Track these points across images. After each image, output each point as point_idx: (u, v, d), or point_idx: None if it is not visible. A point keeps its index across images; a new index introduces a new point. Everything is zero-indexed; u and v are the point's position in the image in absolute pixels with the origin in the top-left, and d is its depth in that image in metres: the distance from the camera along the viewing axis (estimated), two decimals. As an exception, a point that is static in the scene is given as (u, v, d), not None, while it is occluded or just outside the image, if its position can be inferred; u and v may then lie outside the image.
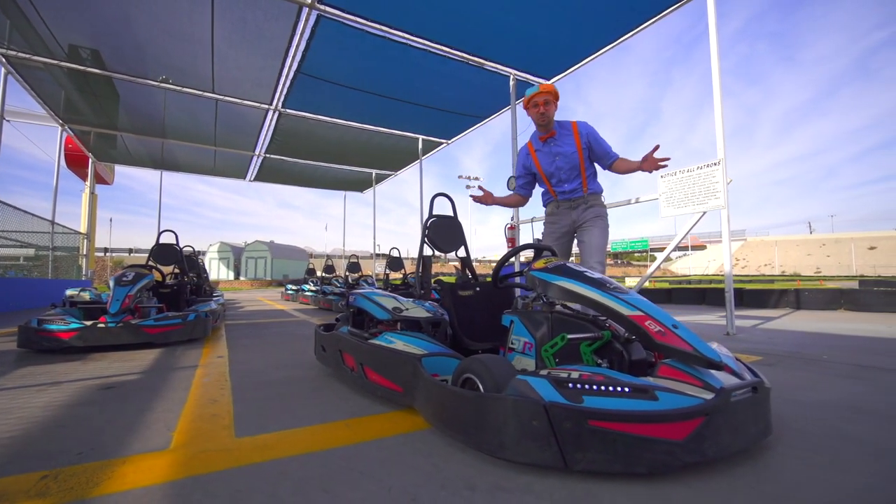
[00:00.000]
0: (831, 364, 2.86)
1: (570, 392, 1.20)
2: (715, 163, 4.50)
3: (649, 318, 1.46)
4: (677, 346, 1.36)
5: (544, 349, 1.57)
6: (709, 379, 1.30)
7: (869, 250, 53.61)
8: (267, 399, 2.03)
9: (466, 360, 1.54)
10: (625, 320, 1.50)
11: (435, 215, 3.09)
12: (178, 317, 3.79)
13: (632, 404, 1.16)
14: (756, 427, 1.32)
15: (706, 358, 1.30)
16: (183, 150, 11.23)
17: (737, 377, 1.39)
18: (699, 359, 1.32)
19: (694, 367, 1.35)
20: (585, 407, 1.15)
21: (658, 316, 1.46)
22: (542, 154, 2.69)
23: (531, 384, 1.24)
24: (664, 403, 1.16)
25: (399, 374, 1.77)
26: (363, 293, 2.33)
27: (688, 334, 1.39)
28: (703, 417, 1.15)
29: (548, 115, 2.62)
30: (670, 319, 1.46)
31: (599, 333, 1.57)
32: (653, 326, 1.43)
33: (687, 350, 1.34)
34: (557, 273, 1.76)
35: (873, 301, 7.46)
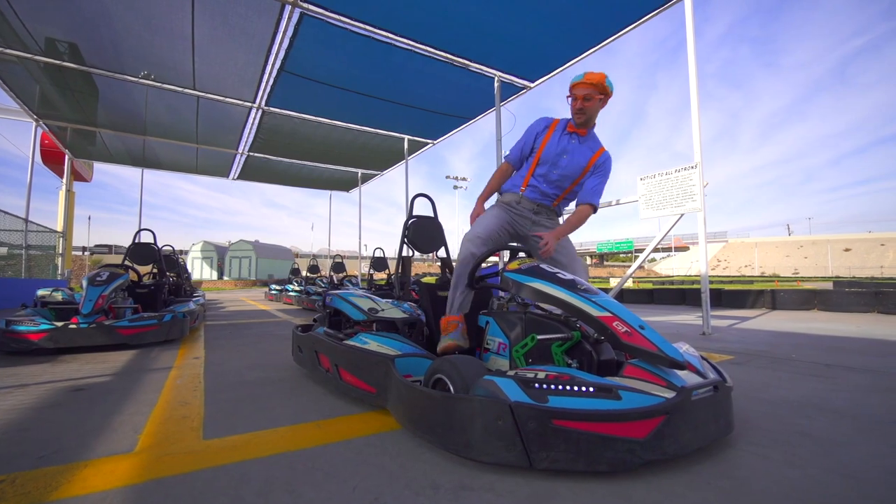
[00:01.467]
0: (799, 363, 2.94)
1: (535, 392, 1.22)
2: (692, 166, 4.59)
3: (617, 318, 1.49)
4: (642, 346, 1.39)
5: (515, 349, 1.59)
6: (672, 378, 1.33)
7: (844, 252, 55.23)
8: (239, 401, 2.02)
9: (437, 360, 1.54)
10: (594, 321, 1.52)
11: (415, 216, 3.10)
12: (153, 317, 3.72)
13: (595, 404, 1.18)
14: (717, 425, 1.35)
15: (669, 358, 1.33)
16: (164, 147, 11.02)
17: (700, 376, 1.42)
18: (663, 358, 1.35)
19: (658, 366, 1.38)
20: (550, 406, 1.17)
21: (625, 317, 1.49)
22: (556, 140, 2.20)
23: (498, 384, 1.26)
24: (627, 403, 1.19)
25: (372, 375, 1.77)
26: (339, 294, 2.32)
27: (653, 335, 1.42)
28: (663, 416, 1.18)
29: (587, 112, 2.13)
30: (637, 320, 1.49)
31: (569, 334, 1.59)
32: (620, 327, 1.46)
33: (651, 350, 1.37)
34: (530, 274, 1.78)
35: (844, 301, 7.70)
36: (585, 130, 2.20)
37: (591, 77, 2.09)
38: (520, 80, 7.24)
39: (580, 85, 2.10)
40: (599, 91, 2.10)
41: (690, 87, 4.65)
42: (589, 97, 2.10)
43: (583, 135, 2.21)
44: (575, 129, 2.19)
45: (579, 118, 2.15)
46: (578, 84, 2.11)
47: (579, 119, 2.15)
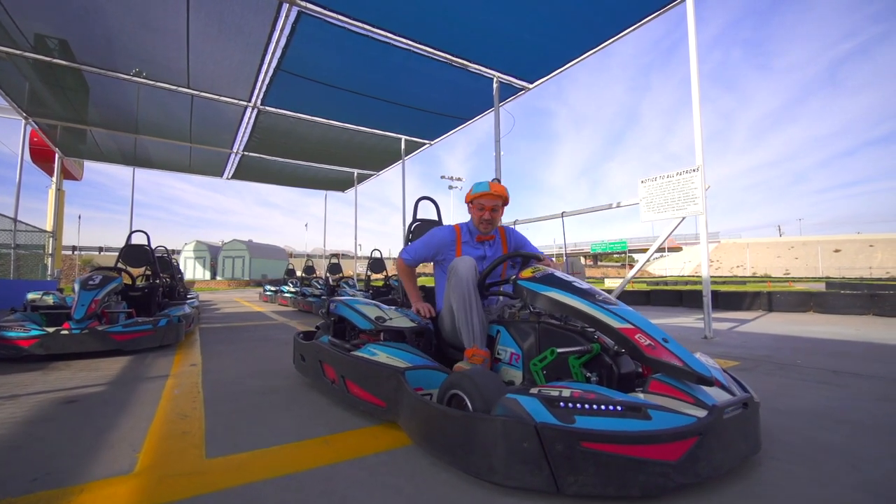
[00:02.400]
0: (806, 369, 2.92)
1: (561, 412, 1.16)
2: (694, 169, 4.57)
3: (639, 331, 1.44)
4: (668, 360, 1.34)
5: (533, 363, 1.53)
6: (700, 395, 1.28)
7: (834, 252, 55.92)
8: (241, 412, 1.94)
9: (454, 375, 1.48)
10: (614, 333, 1.47)
11: (419, 219, 3.03)
12: (148, 322, 3.62)
13: (625, 424, 1.13)
14: (746, 444, 1.30)
15: (696, 373, 1.28)
16: (156, 146, 10.85)
17: (726, 392, 1.38)
18: (689, 374, 1.30)
19: (684, 382, 1.32)
20: (578, 428, 1.11)
21: (648, 329, 1.44)
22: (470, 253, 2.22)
23: (521, 403, 1.20)
24: (658, 423, 1.13)
25: (382, 389, 1.70)
26: (345, 301, 2.25)
27: (678, 348, 1.37)
28: (696, 437, 1.13)
29: (494, 223, 2.22)
30: (660, 333, 1.44)
31: (589, 346, 1.54)
32: (643, 340, 1.41)
33: (677, 365, 1.32)
34: (546, 283, 1.72)
35: (840, 303, 7.74)
36: (493, 236, 2.26)
37: (497, 188, 2.16)
38: (518, 80, 7.20)
39: (488, 196, 2.14)
40: (503, 202, 2.20)
41: (692, 91, 4.63)
42: (496, 208, 2.17)
43: (491, 240, 2.26)
44: (483, 237, 2.24)
45: (487, 228, 2.20)
46: (485, 195, 2.14)
47: (487, 229, 2.20)
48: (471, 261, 1.97)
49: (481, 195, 2.17)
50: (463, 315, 1.86)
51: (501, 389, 1.38)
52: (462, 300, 1.87)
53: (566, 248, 7.57)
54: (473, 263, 1.97)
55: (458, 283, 1.90)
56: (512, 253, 2.06)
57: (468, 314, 1.87)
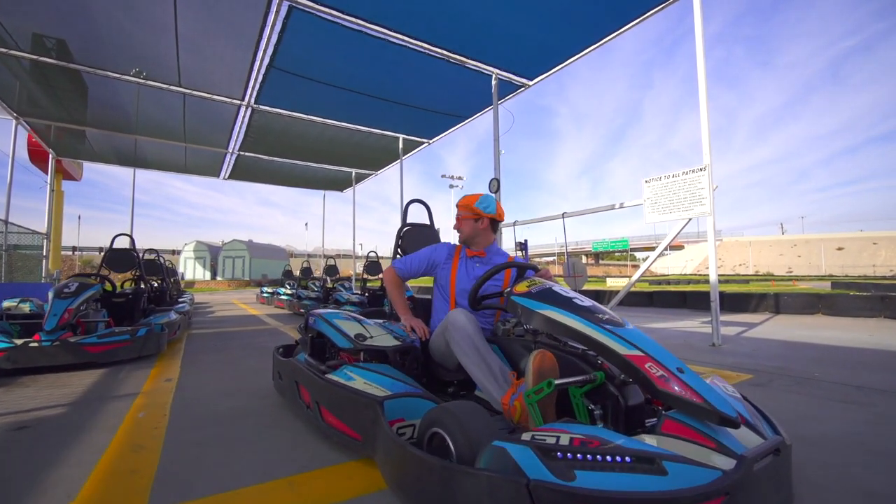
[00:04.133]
0: (825, 384, 2.71)
1: (559, 465, 0.97)
2: (700, 168, 4.36)
3: (649, 359, 1.24)
4: (684, 395, 1.14)
5: (527, 394, 1.33)
6: (724, 439, 1.08)
7: (837, 251, 55.55)
8: (204, 445, 1.74)
9: (436, 410, 1.29)
10: (621, 360, 1.27)
11: (409, 224, 2.84)
12: (125, 332, 3.44)
13: (636, 482, 0.93)
14: (778, 497, 1.10)
15: (719, 412, 1.08)
16: (150, 146, 10.67)
17: (753, 431, 1.18)
18: (711, 413, 1.10)
19: (704, 422, 1.13)
20: (579, 487, 0.91)
21: (660, 357, 1.24)
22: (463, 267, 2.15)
23: (511, 454, 1.00)
24: (675, 479, 0.94)
25: (358, 420, 1.51)
26: (323, 315, 2.05)
27: (695, 381, 1.17)
28: (723, 497, 0.93)
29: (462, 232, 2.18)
30: (674, 361, 1.24)
31: (592, 376, 1.34)
32: (654, 370, 1.21)
33: (695, 402, 1.12)
34: (542, 299, 1.53)
35: (849, 306, 7.53)
36: (483, 252, 2.18)
37: (463, 199, 2.20)
38: (518, 77, 6.98)
39: (457, 207, 2.22)
40: (468, 212, 2.14)
41: (699, 86, 4.41)
42: (459, 218, 2.19)
43: (483, 256, 2.18)
44: (474, 252, 2.19)
45: (460, 237, 2.23)
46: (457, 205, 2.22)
47: (459, 239, 2.24)
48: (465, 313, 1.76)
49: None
50: (481, 373, 1.58)
51: (490, 430, 1.18)
52: (475, 356, 1.62)
53: (567, 248, 7.36)
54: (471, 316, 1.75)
55: (464, 337, 1.66)
56: (505, 264, 1.86)
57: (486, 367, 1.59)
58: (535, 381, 1.33)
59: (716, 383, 1.54)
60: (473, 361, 1.64)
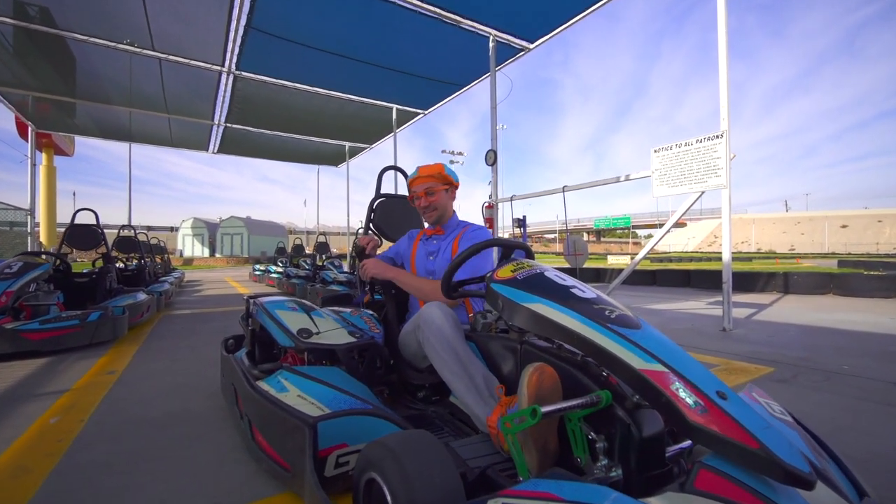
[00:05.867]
0: (860, 380, 2.37)
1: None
2: (717, 135, 3.92)
3: (677, 376, 0.87)
4: (730, 435, 0.78)
5: (504, 420, 0.98)
6: (788, 504, 0.73)
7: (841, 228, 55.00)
8: (107, 466, 1.40)
9: (373, 447, 0.93)
10: (635, 377, 0.91)
11: (384, 195, 2.45)
12: (74, 317, 3.09)
13: None
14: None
15: (785, 466, 0.72)
16: (133, 117, 10.16)
17: (829, 485, 0.82)
18: (771, 464, 0.74)
19: (759, 476, 0.77)
20: None
21: (691, 374, 0.88)
22: (422, 249, 1.92)
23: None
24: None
25: (285, 446, 1.16)
26: (264, 305, 1.69)
27: (745, 413, 0.81)
28: None
29: (437, 207, 1.88)
30: (712, 381, 0.88)
31: (595, 397, 0.98)
32: (683, 394, 0.85)
33: (748, 447, 0.76)
34: (530, 289, 1.15)
35: (862, 286, 7.19)
36: (442, 229, 1.94)
37: (427, 170, 1.90)
38: (518, 40, 6.43)
39: (418, 181, 1.89)
40: (441, 181, 1.89)
41: (719, 44, 3.92)
42: (432, 191, 1.87)
43: (441, 234, 1.94)
44: (431, 231, 1.95)
45: (431, 216, 1.92)
46: (416, 180, 1.90)
47: (431, 217, 1.92)
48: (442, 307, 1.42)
49: (410, 183, 1.92)
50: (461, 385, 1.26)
51: (446, 481, 0.82)
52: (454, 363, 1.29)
53: (567, 224, 6.96)
54: (449, 311, 1.41)
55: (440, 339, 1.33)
56: (489, 241, 1.48)
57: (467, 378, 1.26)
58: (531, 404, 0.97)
59: (753, 396, 1.19)
60: (452, 370, 1.29)
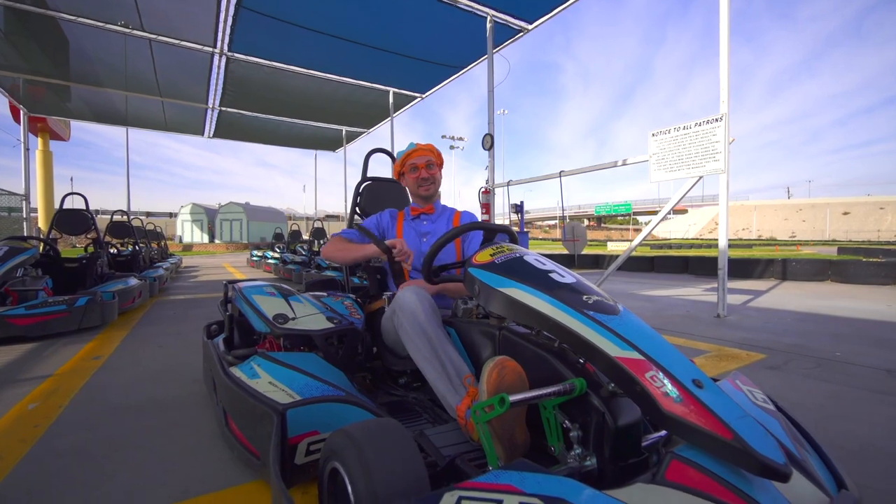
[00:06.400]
0: (852, 367, 2.34)
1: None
2: (717, 118, 3.84)
3: (652, 364, 0.84)
4: (703, 425, 0.75)
5: (475, 410, 0.95)
6: (762, 497, 0.70)
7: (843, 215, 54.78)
8: (79, 455, 1.37)
9: (336, 436, 0.90)
10: (611, 364, 0.88)
11: (370, 178, 2.40)
12: (61, 302, 3.06)
13: None
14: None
15: (760, 458, 0.69)
16: (124, 100, 10.01)
17: (806, 476, 0.79)
18: (745, 456, 0.70)
19: (733, 467, 0.74)
20: None
21: (667, 361, 0.84)
22: (408, 229, 1.85)
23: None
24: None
25: (255, 433, 1.13)
26: (242, 290, 1.64)
27: (721, 402, 0.78)
28: None
29: (435, 183, 1.86)
30: (689, 368, 0.84)
31: (568, 384, 0.94)
32: (658, 382, 0.81)
33: (722, 438, 0.72)
34: (506, 273, 1.11)
35: (860, 273, 7.14)
36: (433, 208, 1.89)
37: (425, 145, 1.87)
38: (516, 20, 6.28)
39: (419, 153, 1.83)
40: (437, 159, 1.87)
41: (721, 23, 3.81)
42: (431, 164, 1.84)
43: (431, 213, 1.89)
44: (420, 210, 1.88)
45: (429, 189, 1.85)
46: (416, 152, 1.84)
47: (427, 191, 1.86)
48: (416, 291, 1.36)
49: (409, 154, 1.85)
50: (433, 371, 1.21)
51: (409, 473, 0.79)
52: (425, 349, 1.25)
53: (563, 209, 6.89)
54: (424, 295, 1.36)
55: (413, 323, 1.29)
56: (472, 224, 1.43)
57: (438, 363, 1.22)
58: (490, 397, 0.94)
59: (737, 384, 1.15)
60: (423, 355, 1.25)
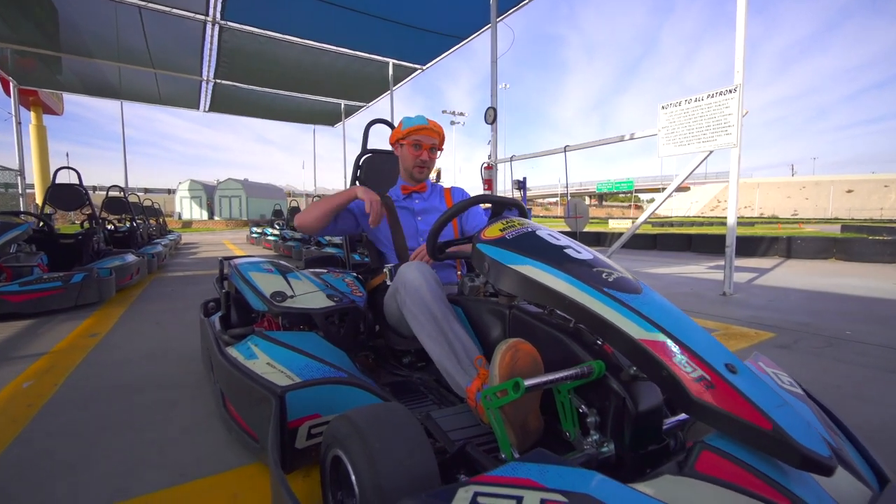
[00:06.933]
0: (863, 346, 2.29)
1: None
2: (730, 89, 3.69)
3: (681, 346, 0.77)
4: (739, 413, 0.68)
5: (485, 394, 0.89)
6: (803, 492, 0.64)
7: (846, 193, 54.37)
8: (74, 434, 1.33)
9: (339, 421, 0.84)
10: (633, 347, 0.81)
11: (371, 150, 2.29)
12: (57, 278, 3.00)
13: None
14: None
15: (802, 450, 0.63)
16: (116, 72, 9.73)
17: (848, 469, 0.73)
18: (785, 447, 0.64)
19: (771, 459, 0.68)
20: None
21: (696, 344, 0.77)
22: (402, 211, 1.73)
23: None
24: None
25: (253, 415, 1.08)
26: (238, 267, 1.57)
27: (758, 389, 0.71)
28: None
29: (432, 167, 1.76)
30: (721, 352, 0.77)
31: (586, 368, 0.88)
32: (687, 367, 0.75)
33: (760, 427, 0.66)
34: (518, 249, 1.04)
35: (865, 251, 7.08)
36: (425, 185, 1.80)
37: (436, 126, 1.70)
38: (520, -14, 6.02)
39: (427, 132, 1.67)
40: (441, 142, 1.75)
41: (737, -14, 3.61)
42: (435, 149, 1.72)
43: (424, 191, 1.80)
44: (411, 188, 1.77)
45: (423, 173, 1.74)
46: (425, 130, 1.67)
47: (422, 174, 1.74)
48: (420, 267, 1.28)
49: (418, 129, 1.67)
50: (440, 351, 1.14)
51: (417, 463, 0.74)
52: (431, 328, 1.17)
53: (569, 186, 6.76)
54: (428, 271, 1.28)
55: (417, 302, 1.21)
56: (477, 196, 1.35)
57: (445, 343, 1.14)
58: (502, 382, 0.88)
59: (760, 366, 1.10)
60: (429, 334, 1.19)
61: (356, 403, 1.09)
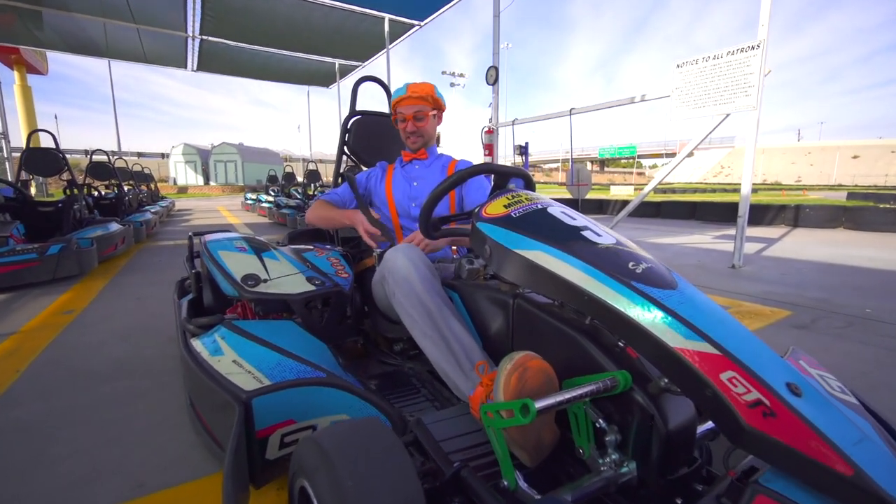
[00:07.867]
0: (884, 326, 2.16)
1: None
2: (753, 46, 3.40)
3: (729, 360, 0.61)
4: (809, 453, 0.54)
5: (485, 409, 0.74)
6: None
7: (852, 159, 53.51)
8: (29, 430, 1.20)
9: (306, 446, 0.69)
10: (669, 357, 0.65)
11: (360, 112, 2.07)
12: (32, 250, 2.83)
13: None
14: None
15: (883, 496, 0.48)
16: (96, 27, 9.18)
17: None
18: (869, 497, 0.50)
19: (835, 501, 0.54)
20: None
21: (749, 358, 0.61)
22: (399, 176, 1.64)
23: None
24: None
25: (218, 421, 0.94)
26: (207, 245, 1.40)
27: (832, 419, 0.56)
28: None
29: (423, 134, 1.60)
30: (782, 368, 0.61)
31: (609, 381, 0.73)
32: (739, 387, 0.59)
33: (836, 471, 0.51)
34: (527, 230, 0.86)
35: (875, 220, 6.91)
36: (426, 153, 1.66)
37: (418, 89, 1.56)
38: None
39: (406, 101, 1.56)
40: (432, 105, 1.59)
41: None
42: (421, 115, 1.58)
43: (424, 158, 1.66)
44: (412, 155, 1.66)
45: (415, 143, 1.62)
46: (403, 100, 1.56)
47: (415, 144, 1.63)
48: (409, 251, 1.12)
49: (397, 101, 1.57)
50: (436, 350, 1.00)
51: (397, 497, 0.59)
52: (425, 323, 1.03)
53: (571, 151, 6.49)
54: (418, 255, 1.12)
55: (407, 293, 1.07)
56: (477, 166, 1.16)
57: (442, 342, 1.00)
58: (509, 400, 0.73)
59: (801, 365, 0.94)
60: (423, 332, 1.03)
61: (335, 406, 0.95)
